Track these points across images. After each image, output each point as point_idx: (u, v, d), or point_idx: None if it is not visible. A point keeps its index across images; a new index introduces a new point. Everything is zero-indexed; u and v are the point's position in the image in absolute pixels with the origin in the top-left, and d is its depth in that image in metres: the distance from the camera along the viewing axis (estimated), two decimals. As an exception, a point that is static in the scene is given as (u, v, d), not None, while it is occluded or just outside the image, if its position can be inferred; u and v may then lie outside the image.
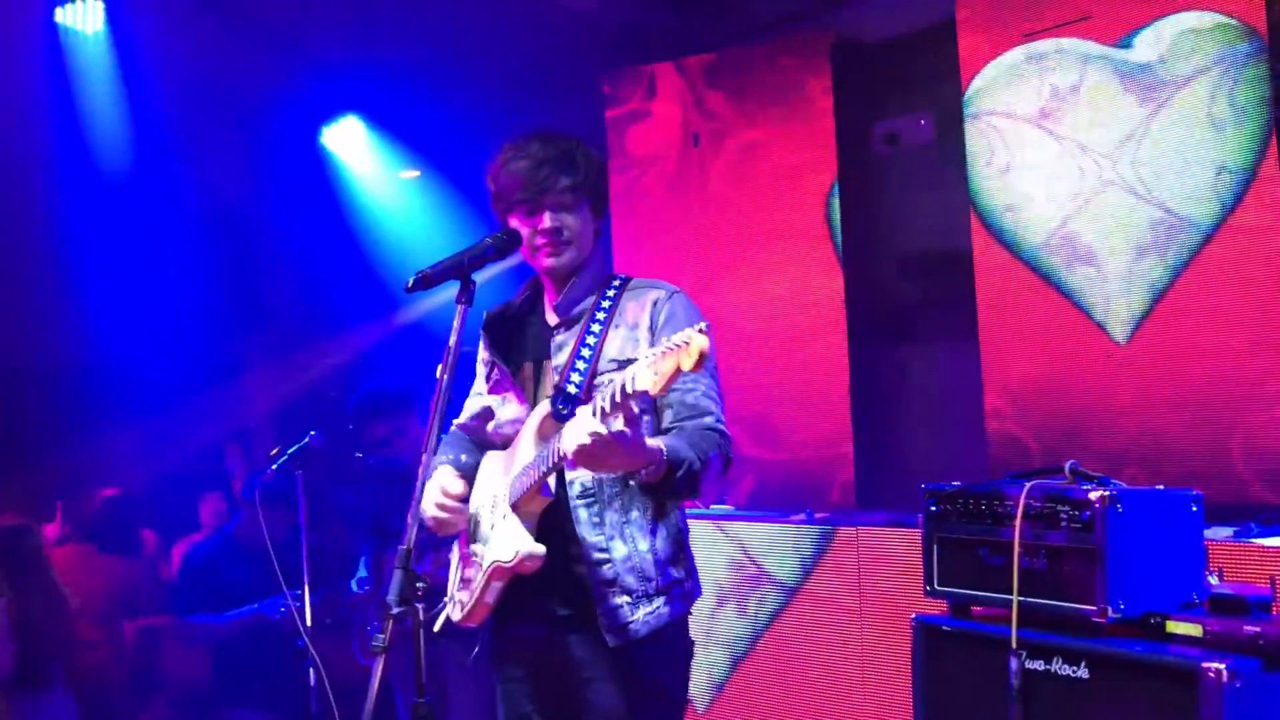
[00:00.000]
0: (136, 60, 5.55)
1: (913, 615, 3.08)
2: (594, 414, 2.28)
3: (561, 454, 2.39)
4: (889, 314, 5.38)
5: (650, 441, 2.43)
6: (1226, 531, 3.32)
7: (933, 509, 3.04)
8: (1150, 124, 4.13)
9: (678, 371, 2.15)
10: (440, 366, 2.54)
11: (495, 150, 2.85)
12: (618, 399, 2.25)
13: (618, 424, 2.29)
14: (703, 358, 2.12)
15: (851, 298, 5.16)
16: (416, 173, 6.66)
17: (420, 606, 2.37)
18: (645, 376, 2.18)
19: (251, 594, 4.94)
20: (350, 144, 6.48)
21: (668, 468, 2.44)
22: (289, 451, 4.72)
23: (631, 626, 2.62)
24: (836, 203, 5.17)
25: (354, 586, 4.84)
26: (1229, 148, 3.93)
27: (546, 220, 2.72)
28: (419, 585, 2.38)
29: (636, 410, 2.33)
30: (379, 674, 2.33)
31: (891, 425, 5.39)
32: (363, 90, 6.22)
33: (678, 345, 2.15)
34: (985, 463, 4.76)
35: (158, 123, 5.71)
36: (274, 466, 4.74)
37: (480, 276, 2.63)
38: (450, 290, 2.60)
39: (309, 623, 4.59)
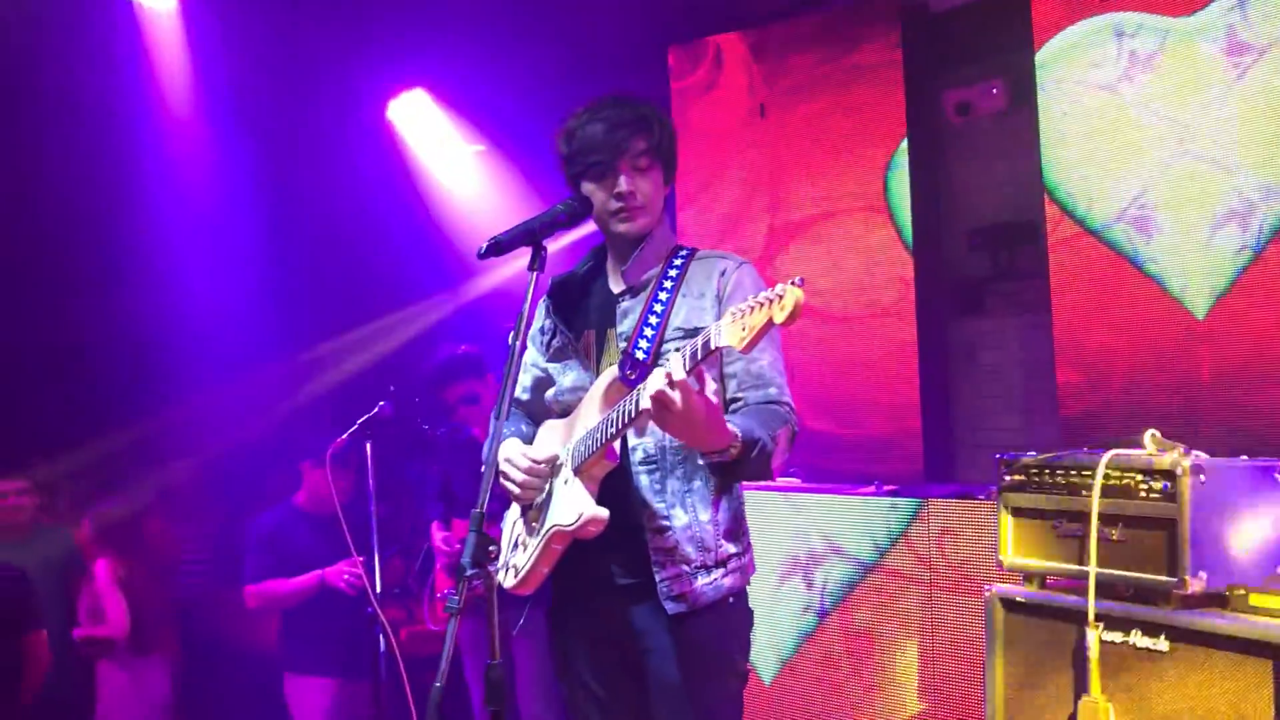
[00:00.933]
0: (207, 34, 5.61)
1: (987, 587, 3.04)
2: (684, 364, 2.24)
3: (638, 402, 2.36)
4: (959, 286, 5.30)
5: (727, 424, 2.39)
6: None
7: (1007, 479, 3.00)
8: (1232, 92, 4.01)
9: (769, 325, 2.10)
10: (512, 333, 2.55)
11: (563, 117, 2.83)
12: (699, 355, 2.22)
13: (710, 393, 2.27)
14: (798, 311, 2.06)
15: (921, 270, 5.10)
16: (481, 146, 6.68)
17: (493, 570, 2.38)
18: (732, 331, 2.15)
19: (318, 564, 5.01)
20: (416, 117, 6.51)
21: (742, 449, 2.41)
22: (359, 421, 4.77)
23: (690, 595, 2.61)
24: (906, 173, 5.10)
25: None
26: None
27: (622, 183, 2.69)
28: (491, 548, 2.39)
29: (714, 387, 2.30)
30: (453, 636, 2.34)
31: (960, 399, 5.33)
32: (428, 64, 6.24)
33: (769, 299, 2.09)
34: (1055, 437, 4.69)
35: (226, 96, 5.78)
36: (344, 436, 4.80)
37: (552, 245, 2.62)
38: (519, 260, 2.61)
39: (378, 590, 4.65)
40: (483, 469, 2.53)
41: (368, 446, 4.79)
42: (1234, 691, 2.47)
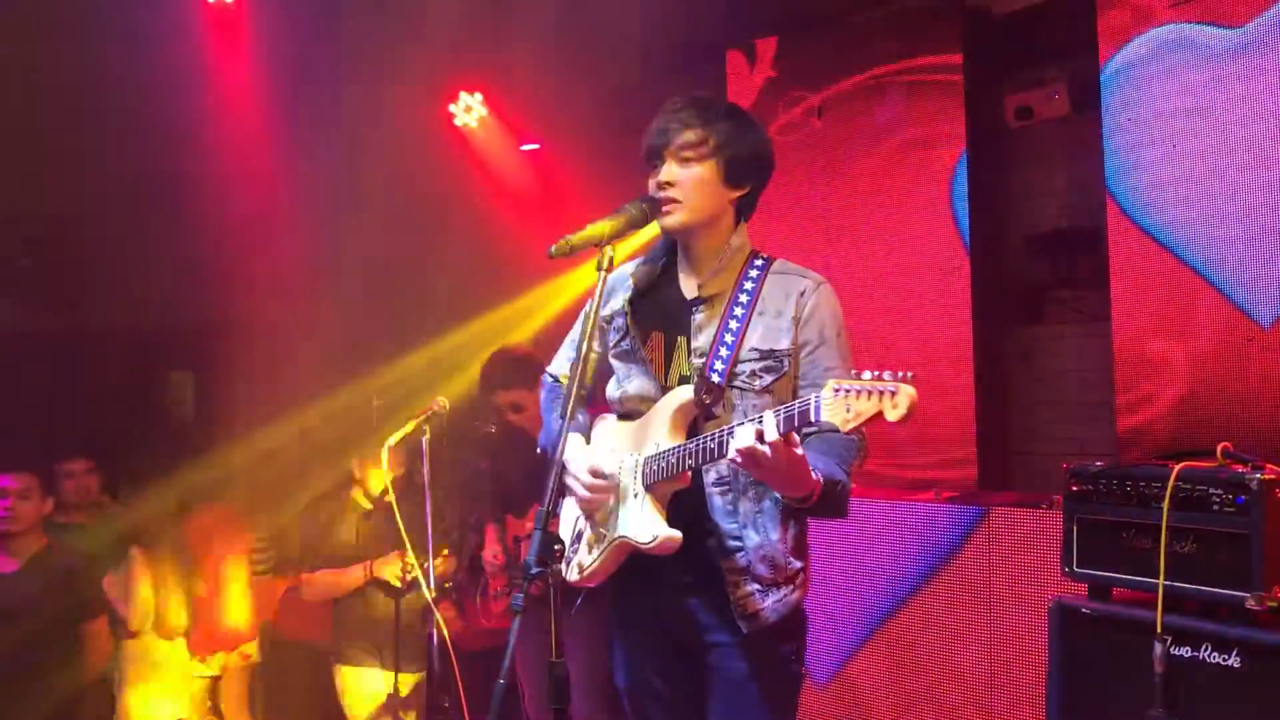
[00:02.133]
0: (269, 33, 5.67)
1: (1052, 597, 3.01)
2: (778, 428, 2.26)
3: (723, 453, 2.39)
4: (1018, 292, 5.25)
5: (811, 474, 2.41)
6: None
7: (1074, 489, 2.97)
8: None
9: (878, 417, 2.09)
10: (582, 335, 2.55)
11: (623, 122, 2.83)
12: (795, 424, 2.24)
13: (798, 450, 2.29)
14: (913, 412, 2.06)
15: (979, 275, 5.06)
16: (537, 145, 6.70)
17: (558, 568, 2.39)
18: (835, 410, 2.15)
19: (372, 553, 5.04)
20: (476, 119, 6.54)
21: (822, 492, 2.43)
22: (416, 416, 4.79)
23: (762, 614, 2.62)
24: (965, 177, 5.06)
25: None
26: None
27: (662, 172, 2.65)
28: (557, 547, 2.39)
29: (798, 441, 2.32)
30: (515, 634, 2.35)
31: (1017, 407, 5.28)
32: (485, 64, 6.27)
33: (883, 391, 2.09)
34: (1112, 448, 4.63)
35: (288, 97, 5.83)
36: (402, 431, 4.83)
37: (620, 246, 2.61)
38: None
39: (432, 584, 4.67)
40: (551, 467, 2.52)
41: (424, 442, 4.82)
42: (1309, 710, 2.44)
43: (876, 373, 2.12)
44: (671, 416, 2.61)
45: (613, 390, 2.86)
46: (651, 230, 2.79)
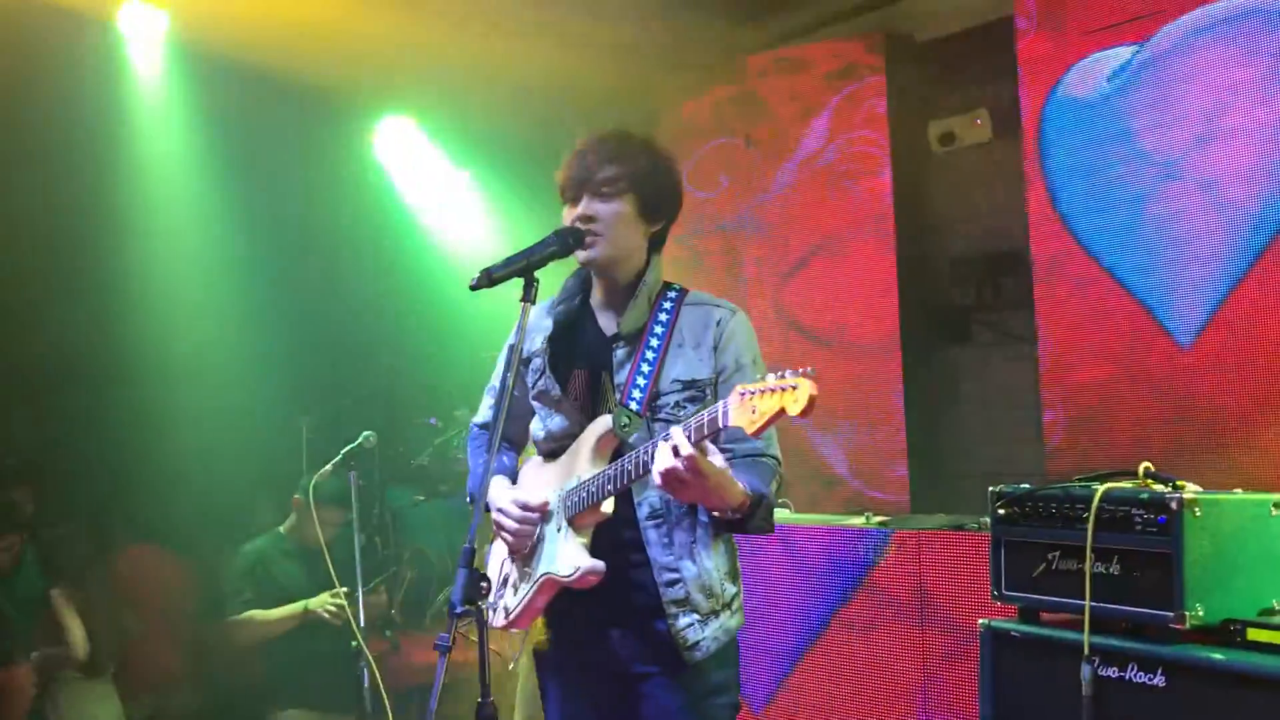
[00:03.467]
0: (192, 61, 5.58)
1: (980, 621, 3.03)
2: (689, 438, 2.27)
3: (643, 472, 2.39)
4: (944, 316, 5.31)
5: (739, 484, 2.42)
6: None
7: (1000, 512, 2.99)
8: (1220, 122, 4.04)
9: (781, 414, 2.12)
10: (506, 367, 2.52)
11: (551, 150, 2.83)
12: (705, 431, 2.25)
13: (717, 460, 2.30)
14: (812, 404, 2.08)
15: (906, 299, 5.11)
16: (467, 172, 6.66)
17: (485, 606, 2.35)
18: (741, 413, 2.18)
19: (304, 593, 4.95)
20: (401, 144, 6.49)
21: (749, 507, 2.44)
22: (343, 452, 4.73)
23: (703, 644, 2.61)
24: (891, 203, 5.11)
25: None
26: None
27: (582, 207, 2.64)
28: (483, 585, 2.36)
29: (715, 450, 2.34)
30: (442, 675, 2.31)
31: (946, 429, 5.33)
32: (413, 90, 6.23)
33: (783, 388, 2.11)
34: (1040, 468, 4.69)
35: (210, 121, 5.74)
36: (328, 467, 4.76)
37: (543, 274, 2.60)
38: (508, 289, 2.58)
39: (362, 623, 4.60)
40: (468, 503, 2.50)
41: (352, 477, 4.76)
42: (1233, 727, 2.46)
43: (780, 373, 2.15)
44: (593, 448, 2.61)
45: (536, 429, 2.83)
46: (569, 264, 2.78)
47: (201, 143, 5.70)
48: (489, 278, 2.49)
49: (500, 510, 2.67)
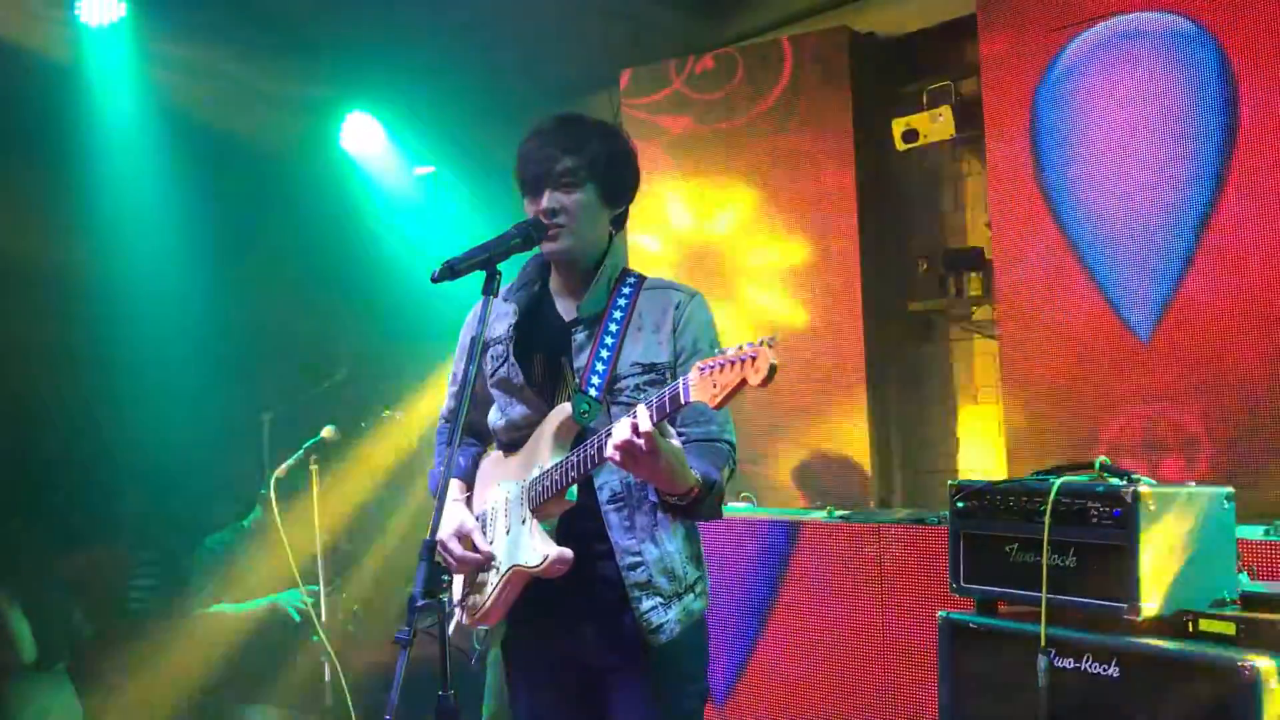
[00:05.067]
0: (153, 55, 5.52)
1: (939, 613, 3.05)
2: (651, 418, 2.26)
3: (603, 456, 2.37)
4: (908, 312, 5.35)
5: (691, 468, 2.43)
6: (1259, 530, 3.29)
7: (960, 505, 3.02)
8: (1168, 110, 4.10)
9: (742, 385, 2.12)
10: (467, 359, 2.51)
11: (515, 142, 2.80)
12: (667, 408, 2.25)
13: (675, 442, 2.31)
14: (773, 374, 2.08)
15: (869, 295, 5.14)
16: (431, 168, 6.63)
17: (446, 599, 2.35)
18: (702, 388, 2.17)
19: (268, 588, 4.92)
20: (365, 140, 6.45)
21: (699, 491, 2.44)
22: (304, 446, 4.70)
23: (666, 627, 2.60)
24: (855, 199, 5.14)
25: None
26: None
27: (544, 200, 2.63)
28: (444, 578, 2.35)
29: (671, 431, 2.35)
30: (403, 669, 2.30)
31: (907, 424, 5.37)
32: (377, 85, 6.19)
33: (743, 359, 2.11)
34: (1001, 462, 4.74)
35: (172, 118, 5.67)
36: (289, 461, 4.73)
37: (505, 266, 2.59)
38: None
39: (324, 617, 4.58)
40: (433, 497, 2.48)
41: (313, 471, 4.73)
42: (1184, 716, 2.49)
43: (739, 345, 2.15)
44: (553, 436, 2.60)
45: (495, 419, 2.82)
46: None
47: (161, 134, 5.64)
48: (451, 270, 2.47)
49: (442, 543, 2.61)
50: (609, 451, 2.32)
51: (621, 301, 2.68)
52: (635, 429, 2.26)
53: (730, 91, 5.46)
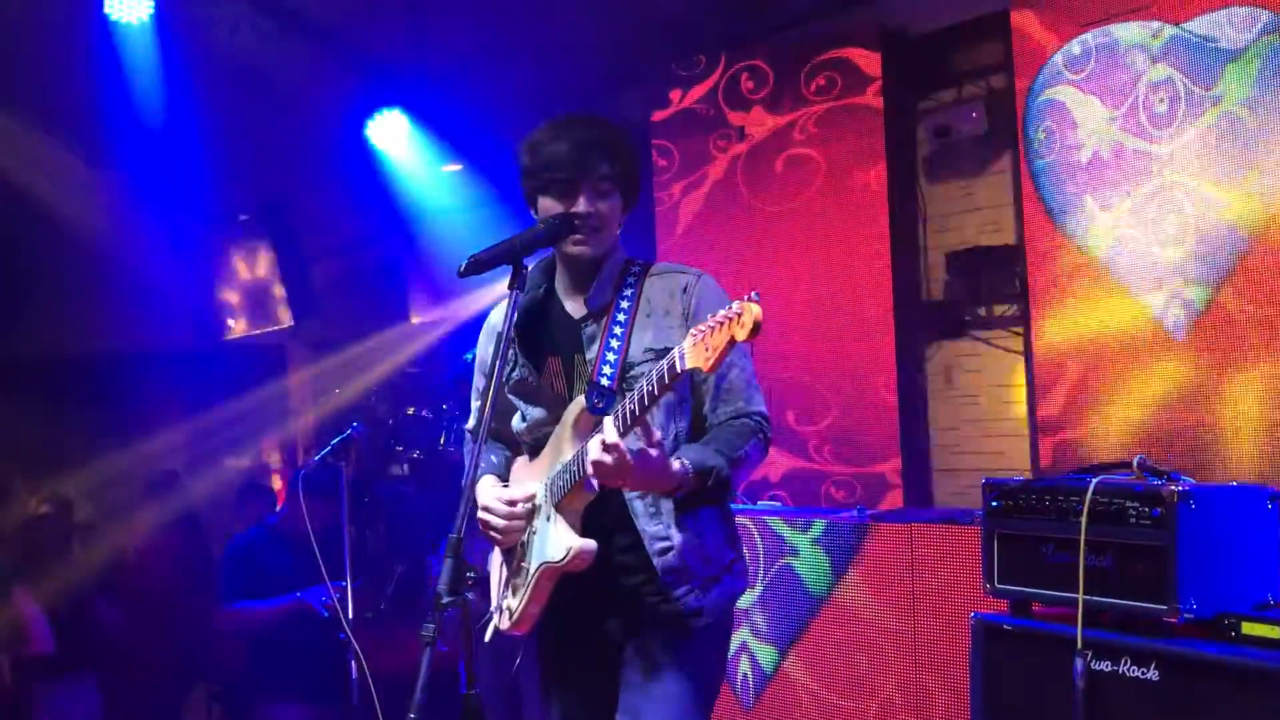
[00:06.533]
0: (182, 52, 5.54)
1: (972, 614, 3.00)
2: (616, 424, 2.32)
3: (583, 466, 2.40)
4: (938, 310, 5.29)
5: (673, 463, 2.44)
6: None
7: (994, 505, 2.97)
8: (1212, 118, 4.03)
9: (732, 343, 2.15)
10: (493, 355, 2.51)
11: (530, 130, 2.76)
12: (666, 379, 2.27)
13: (637, 443, 2.34)
14: (758, 327, 2.11)
15: (900, 293, 5.09)
16: (459, 166, 6.62)
17: (470, 597, 2.33)
18: (696, 354, 2.20)
19: (294, 586, 4.91)
20: (394, 137, 6.44)
21: (695, 482, 2.47)
22: (332, 443, 4.69)
23: (706, 611, 2.61)
24: (885, 196, 5.09)
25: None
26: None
27: (582, 205, 2.64)
28: (469, 575, 2.33)
29: (658, 436, 2.38)
30: (428, 666, 2.28)
31: (940, 423, 5.31)
32: (406, 84, 6.19)
33: (729, 317, 2.15)
34: (1034, 462, 4.67)
35: (203, 114, 5.70)
36: (316, 458, 4.73)
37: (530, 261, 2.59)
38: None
39: (351, 615, 4.56)
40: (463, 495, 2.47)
41: (342, 468, 4.72)
42: (1227, 721, 2.44)
43: (727, 305, 2.18)
44: (572, 429, 2.60)
45: (518, 424, 2.83)
46: None
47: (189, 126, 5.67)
48: (476, 264, 2.50)
49: (485, 508, 2.66)
50: (588, 470, 2.37)
51: (628, 291, 2.70)
52: (603, 445, 2.31)
53: (755, 86, 5.42)
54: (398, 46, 5.66)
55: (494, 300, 2.78)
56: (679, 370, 2.24)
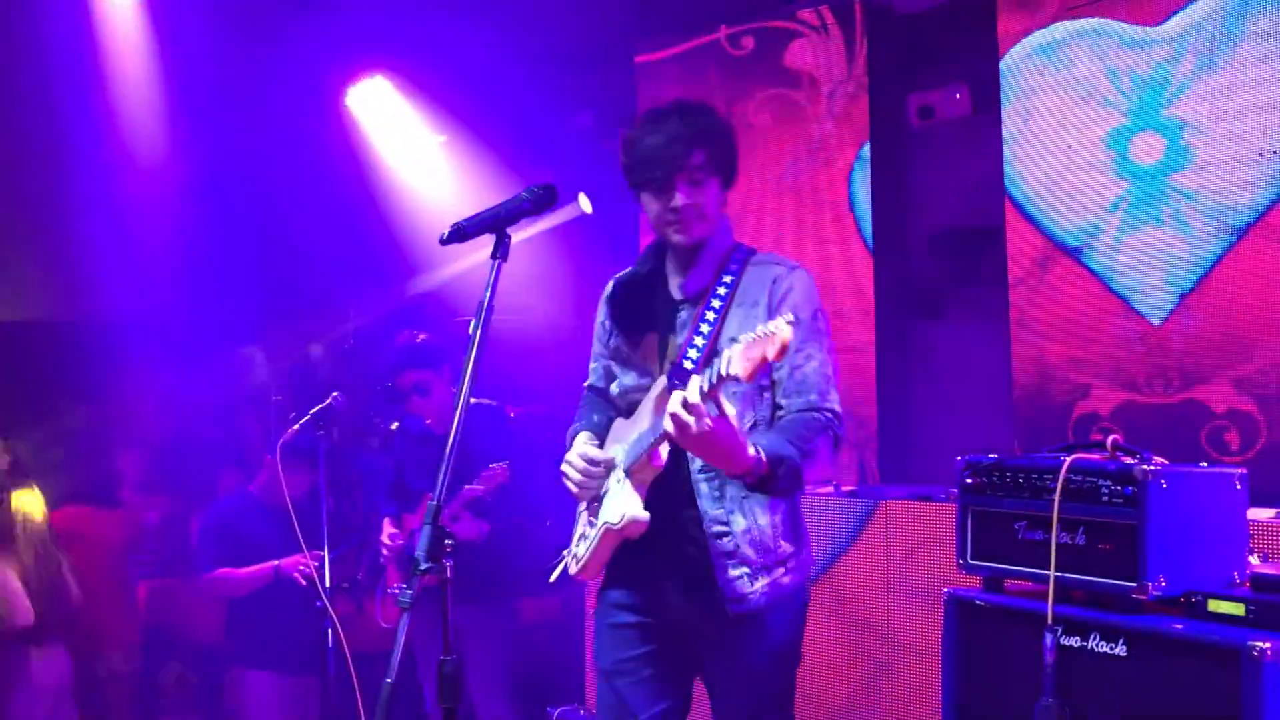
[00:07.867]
0: (163, 19, 5.49)
1: (945, 590, 3.03)
2: (701, 385, 2.35)
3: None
4: (918, 291, 5.31)
5: (748, 446, 2.48)
6: (1269, 513, 3.25)
7: (969, 481, 2.98)
8: (1192, 102, 4.05)
9: (764, 361, 2.23)
10: (472, 321, 2.51)
11: (628, 125, 2.84)
12: (714, 381, 2.33)
13: (713, 410, 2.37)
14: (785, 350, 2.21)
15: (880, 274, 5.11)
16: (444, 136, 6.58)
17: (448, 564, 2.34)
18: (739, 363, 2.26)
19: (271, 554, 4.90)
20: (376, 105, 6.40)
21: (767, 469, 2.51)
22: (311, 412, 4.68)
23: (750, 598, 2.69)
24: (868, 177, 5.09)
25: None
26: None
27: (678, 198, 2.71)
28: (447, 542, 2.35)
29: (733, 411, 2.42)
30: (404, 632, 2.29)
31: (916, 403, 5.34)
32: (389, 49, 6.14)
33: (765, 335, 2.23)
34: (1010, 443, 4.71)
35: (182, 81, 5.65)
36: (295, 427, 4.71)
37: (515, 234, 2.59)
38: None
39: (328, 584, 4.56)
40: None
41: (321, 437, 4.71)
42: (1194, 696, 2.47)
43: (768, 322, 2.29)
44: (654, 405, 2.68)
45: (614, 388, 2.97)
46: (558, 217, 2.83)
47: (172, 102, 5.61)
48: (460, 232, 2.52)
49: (568, 461, 2.81)
50: (665, 423, 2.40)
51: (727, 279, 2.78)
52: (684, 402, 2.34)
53: (740, 64, 5.41)
54: (380, 8, 5.60)
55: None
56: (723, 374, 2.30)
